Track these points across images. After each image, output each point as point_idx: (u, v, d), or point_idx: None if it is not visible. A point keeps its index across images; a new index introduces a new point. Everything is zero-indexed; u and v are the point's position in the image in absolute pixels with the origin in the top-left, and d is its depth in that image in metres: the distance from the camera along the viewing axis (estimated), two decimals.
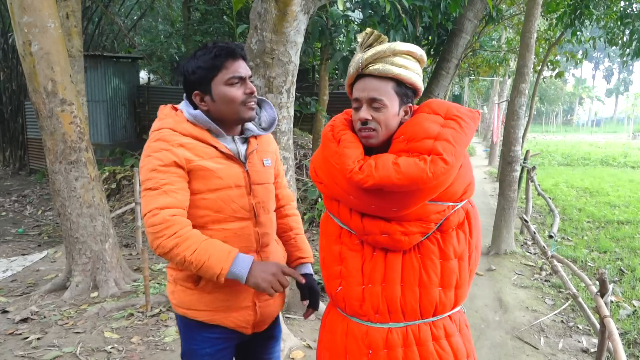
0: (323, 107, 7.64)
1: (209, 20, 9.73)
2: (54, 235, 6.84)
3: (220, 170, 1.66)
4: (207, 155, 1.65)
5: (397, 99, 1.42)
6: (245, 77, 1.67)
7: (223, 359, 1.81)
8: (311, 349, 3.56)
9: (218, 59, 1.63)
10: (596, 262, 5.70)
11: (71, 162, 4.32)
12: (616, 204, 9.08)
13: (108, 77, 10.12)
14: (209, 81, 1.64)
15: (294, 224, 2.01)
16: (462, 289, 1.47)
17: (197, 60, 1.65)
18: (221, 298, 1.71)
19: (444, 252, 1.42)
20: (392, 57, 1.40)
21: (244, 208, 1.71)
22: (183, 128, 1.66)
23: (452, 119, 1.39)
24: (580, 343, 3.75)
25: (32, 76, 4.14)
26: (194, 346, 1.77)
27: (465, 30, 7.18)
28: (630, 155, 18.75)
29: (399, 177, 1.29)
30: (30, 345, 3.51)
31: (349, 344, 1.50)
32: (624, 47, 9.41)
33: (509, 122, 6.03)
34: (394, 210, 1.37)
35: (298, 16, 3.46)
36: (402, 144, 1.37)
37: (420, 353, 1.43)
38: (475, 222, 1.48)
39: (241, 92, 1.66)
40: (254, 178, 1.75)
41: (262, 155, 1.81)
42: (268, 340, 1.96)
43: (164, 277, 4.92)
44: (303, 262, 1.98)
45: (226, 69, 1.64)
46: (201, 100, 1.68)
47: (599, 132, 41.11)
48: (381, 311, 1.44)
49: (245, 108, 1.68)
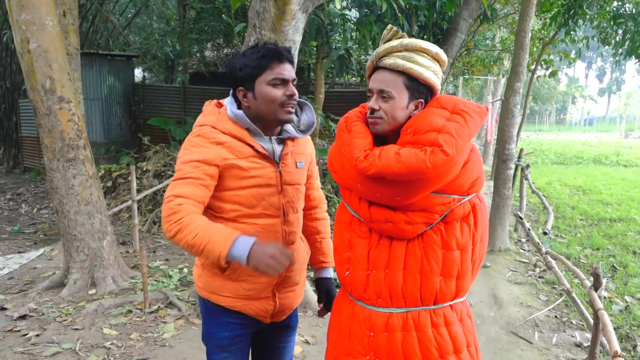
0: (319, 105, 7.66)
1: (205, 18, 9.72)
2: (50, 233, 6.83)
3: (254, 169, 1.73)
4: (243, 154, 1.72)
5: (407, 92, 1.47)
6: (288, 80, 1.72)
7: (240, 344, 1.88)
8: (309, 344, 3.60)
9: (264, 59, 1.69)
10: (589, 259, 5.77)
11: (69, 160, 4.33)
12: (609, 202, 9.17)
13: (103, 75, 10.09)
14: (253, 79, 1.70)
15: (321, 227, 2.09)
16: (464, 280, 1.52)
17: (246, 58, 1.71)
18: (245, 287, 1.79)
19: (447, 243, 1.47)
20: (404, 52, 1.46)
21: (274, 206, 1.79)
22: (224, 126, 1.73)
23: (458, 114, 1.44)
24: (573, 337, 3.81)
25: (30, 74, 4.14)
26: (213, 329, 1.85)
27: (460, 30, 7.23)
28: (622, 154, 18.90)
29: (399, 165, 1.35)
30: (29, 342, 3.52)
31: (353, 326, 1.57)
32: (616, 46, 9.50)
33: (504, 121, 6.09)
34: (398, 199, 1.42)
35: (297, 15, 3.49)
36: (409, 136, 1.43)
37: (418, 338, 1.49)
38: (482, 216, 1.52)
39: (282, 93, 1.71)
40: (285, 178, 1.81)
41: (296, 157, 1.87)
42: (285, 330, 2.03)
43: (162, 275, 4.95)
44: (325, 266, 2.08)
45: (271, 70, 1.69)
46: (244, 97, 1.74)
47: (591, 131, 41.35)
48: (383, 296, 1.51)
49: (283, 110, 1.73)
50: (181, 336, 3.66)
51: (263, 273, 1.52)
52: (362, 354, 1.55)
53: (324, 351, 3.52)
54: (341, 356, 1.61)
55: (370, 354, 1.53)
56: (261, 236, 1.75)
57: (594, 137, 30.88)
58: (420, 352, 1.49)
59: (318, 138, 7.85)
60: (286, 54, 1.73)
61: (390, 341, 1.50)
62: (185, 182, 1.64)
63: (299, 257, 1.92)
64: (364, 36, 6.39)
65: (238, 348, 1.88)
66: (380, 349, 1.51)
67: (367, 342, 1.53)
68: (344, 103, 10.75)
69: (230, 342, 1.85)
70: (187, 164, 1.66)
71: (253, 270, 1.61)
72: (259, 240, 1.55)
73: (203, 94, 10.38)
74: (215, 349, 1.86)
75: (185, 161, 1.67)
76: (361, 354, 1.55)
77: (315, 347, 3.57)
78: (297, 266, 1.90)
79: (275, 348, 2.05)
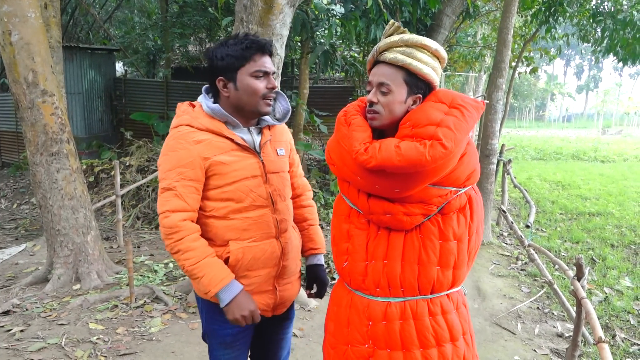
0: (303, 100, 7.67)
1: (188, 12, 9.63)
2: (32, 229, 6.73)
3: (236, 163, 1.74)
4: (222, 149, 1.72)
5: (406, 87, 1.49)
6: (269, 72, 1.73)
7: (244, 339, 1.90)
8: (297, 337, 3.63)
9: (248, 50, 1.70)
10: (569, 252, 5.89)
11: (52, 154, 4.28)
12: (587, 197, 9.36)
13: (84, 69, 9.94)
14: (235, 70, 1.71)
15: (308, 215, 2.10)
16: (460, 270, 1.56)
17: (228, 48, 1.71)
18: (245, 283, 1.80)
19: (444, 234, 1.51)
20: (404, 48, 1.48)
21: (262, 196, 1.80)
22: (200, 123, 1.72)
23: (455, 108, 1.46)
24: (555, 328, 3.89)
25: (12, 66, 4.08)
26: (216, 326, 1.86)
27: (443, 26, 7.30)
28: (600, 149, 19.24)
29: (399, 159, 1.37)
30: (13, 338, 3.48)
31: (352, 316, 1.60)
32: (596, 44, 9.68)
33: (487, 117, 6.17)
34: (396, 191, 1.45)
35: (284, 9, 3.49)
36: (408, 129, 1.45)
37: (416, 326, 1.53)
38: (477, 207, 1.56)
39: (264, 85, 1.72)
40: (268, 167, 1.82)
41: (275, 145, 1.88)
42: (283, 322, 2.05)
43: (147, 269, 4.92)
44: (315, 252, 2.08)
45: (254, 61, 1.71)
46: (224, 87, 1.74)
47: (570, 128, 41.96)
48: (382, 286, 1.54)
49: (263, 102, 1.74)
50: (168, 330, 3.66)
51: (230, 320, 1.70)
52: (360, 342, 1.57)
53: (312, 344, 3.57)
54: (340, 345, 1.63)
55: (369, 342, 1.56)
56: (254, 229, 1.78)
57: (572, 134, 31.35)
58: (417, 340, 1.52)
59: (302, 133, 7.85)
60: (268, 47, 1.74)
61: (389, 330, 1.53)
62: (174, 193, 1.68)
63: (292, 246, 1.93)
64: (349, 31, 6.42)
65: (241, 343, 1.90)
66: (378, 337, 1.54)
67: (365, 331, 1.56)
68: (329, 98, 10.77)
69: (234, 339, 1.86)
70: (170, 171, 1.68)
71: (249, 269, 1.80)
72: (243, 292, 1.72)
73: (186, 89, 10.29)
74: (219, 346, 1.87)
75: (168, 169, 1.69)
76: (360, 343, 1.57)
77: (303, 340, 3.60)
78: (292, 255, 1.91)
79: (275, 340, 2.07)
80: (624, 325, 3.95)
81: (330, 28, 6.24)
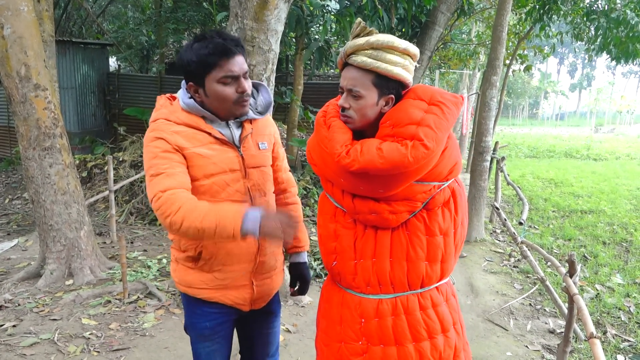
0: (298, 97, 7.66)
1: (183, 7, 9.58)
2: (24, 224, 6.69)
3: (214, 156, 1.69)
4: (200, 142, 1.68)
5: (376, 90, 1.48)
6: (239, 75, 1.64)
7: (222, 332, 1.89)
8: (290, 332, 3.63)
9: (212, 57, 1.60)
10: (561, 249, 5.93)
11: (45, 149, 4.25)
12: (580, 194, 9.42)
13: (77, 63, 9.88)
14: (202, 77, 1.64)
15: (292, 212, 2.03)
16: (448, 263, 1.57)
17: (193, 53, 1.62)
18: (219, 277, 1.78)
19: (430, 229, 1.51)
20: (370, 51, 1.45)
21: (239, 191, 1.75)
22: (177, 117, 1.69)
23: (435, 105, 1.45)
24: (547, 324, 3.92)
25: (4, 60, 4.04)
26: (194, 320, 1.85)
27: (438, 23, 7.29)
28: (592, 148, 19.36)
29: (382, 161, 1.37)
30: (5, 333, 3.47)
31: (344, 313, 1.61)
32: (589, 42, 9.72)
33: (481, 114, 6.19)
34: (381, 192, 1.45)
35: (279, 4, 3.49)
36: (388, 129, 1.44)
37: (408, 321, 1.54)
38: (461, 200, 1.56)
39: (233, 90, 1.65)
40: (248, 162, 1.78)
41: (257, 139, 1.83)
42: (267, 316, 2.02)
43: (140, 265, 4.91)
44: (298, 250, 2.05)
45: (220, 67, 1.61)
46: (195, 92, 1.69)
47: (563, 126, 42.15)
48: (372, 283, 1.55)
49: (237, 106, 1.69)
50: (162, 326, 3.65)
51: (274, 240, 1.61)
52: (354, 339, 1.58)
53: (305, 339, 3.58)
54: (333, 342, 1.64)
55: (363, 339, 1.57)
56: None
57: (565, 132, 31.52)
58: (410, 335, 1.53)
59: (297, 129, 7.85)
60: (234, 49, 1.62)
61: (381, 326, 1.54)
62: (164, 176, 1.58)
63: None
64: (343, 28, 6.41)
65: (220, 336, 1.88)
66: (371, 334, 1.55)
67: (358, 328, 1.57)
68: (323, 94, 10.74)
69: (212, 331, 1.85)
70: (155, 159, 1.61)
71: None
72: (264, 210, 1.51)
73: (180, 84, 10.24)
74: (198, 339, 1.87)
75: (152, 157, 1.62)
76: (353, 340, 1.58)
77: (297, 336, 3.61)
78: (270, 250, 1.88)
79: (260, 335, 2.05)
80: (615, 322, 3.99)
81: (325, 24, 6.24)
